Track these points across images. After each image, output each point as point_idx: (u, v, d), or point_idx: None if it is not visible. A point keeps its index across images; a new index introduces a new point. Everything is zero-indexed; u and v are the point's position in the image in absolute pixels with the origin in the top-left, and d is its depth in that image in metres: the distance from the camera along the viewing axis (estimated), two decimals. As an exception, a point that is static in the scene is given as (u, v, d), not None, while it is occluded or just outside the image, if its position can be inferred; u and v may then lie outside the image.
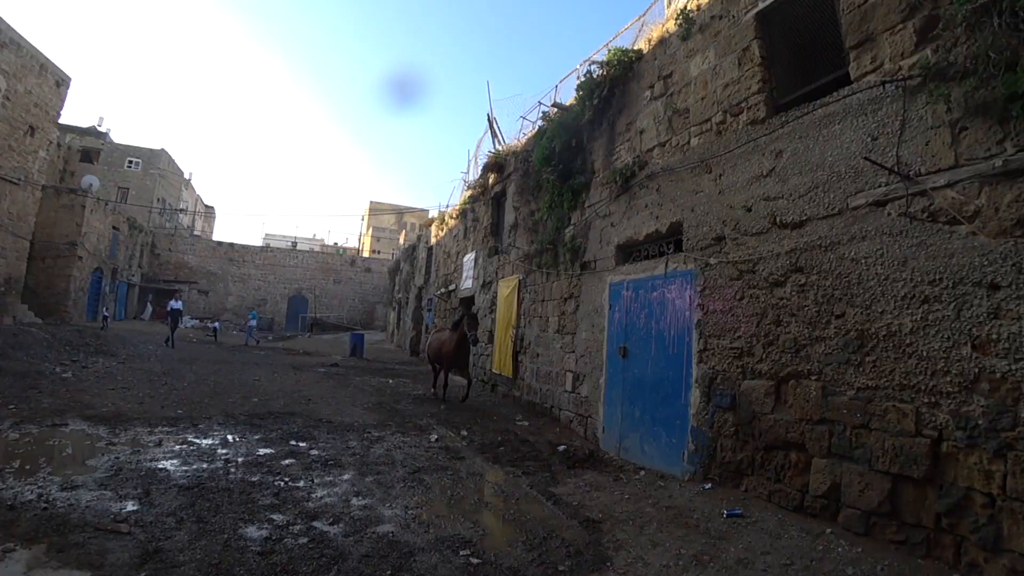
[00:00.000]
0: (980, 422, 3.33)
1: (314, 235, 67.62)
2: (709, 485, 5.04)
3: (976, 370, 3.39)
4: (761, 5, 5.25)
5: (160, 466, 4.76)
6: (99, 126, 36.60)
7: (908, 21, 3.96)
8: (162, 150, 36.25)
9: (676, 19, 6.39)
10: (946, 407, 3.51)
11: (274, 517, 3.82)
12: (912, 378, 3.70)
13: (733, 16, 5.58)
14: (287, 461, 5.24)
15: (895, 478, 3.73)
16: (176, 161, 39.23)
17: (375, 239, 58.21)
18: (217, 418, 6.94)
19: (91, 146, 34.32)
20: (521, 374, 9.87)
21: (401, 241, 38.06)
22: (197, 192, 47.59)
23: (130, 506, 3.81)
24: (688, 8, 6.23)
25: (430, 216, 23.31)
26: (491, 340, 11.42)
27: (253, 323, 23.43)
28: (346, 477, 4.90)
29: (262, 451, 5.53)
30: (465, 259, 14.28)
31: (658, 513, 4.41)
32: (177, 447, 5.43)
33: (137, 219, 30.82)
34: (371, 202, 61.34)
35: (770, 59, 5.28)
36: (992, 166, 3.41)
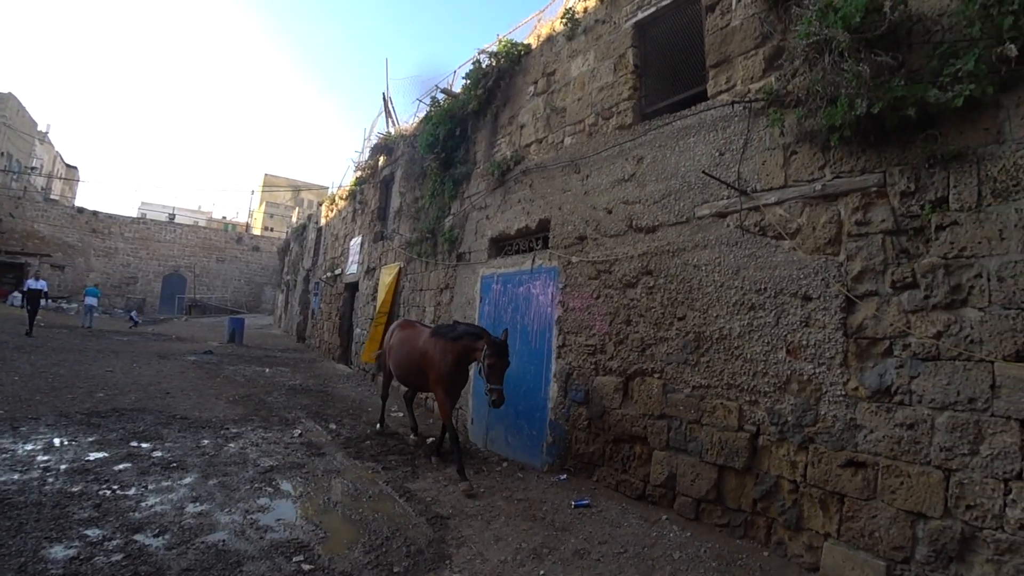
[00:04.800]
0: (789, 418, 3.72)
1: (199, 207, 62.26)
2: (564, 476, 5.25)
3: (788, 372, 3.77)
4: (640, 15, 5.42)
5: (-45, 479, 4.13)
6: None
7: (759, 49, 4.25)
8: (9, 94, 30.72)
9: (563, 18, 6.46)
10: (764, 405, 3.88)
11: (89, 533, 3.45)
12: (738, 378, 4.06)
13: (615, 22, 5.72)
14: (121, 466, 4.75)
15: (721, 468, 4.10)
16: (28, 110, 33.88)
17: (268, 215, 54.63)
18: (47, 418, 6.12)
19: (-89, 86, 29.00)
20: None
21: (294, 219, 35.98)
22: (56, 149, 41.79)
23: (-98, 532, 3.28)
24: (574, 9, 6.31)
25: (330, 193, 21.94)
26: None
27: (92, 300, 18.98)
28: (187, 481, 4.54)
29: (93, 455, 4.97)
30: (352, 243, 13.74)
31: (508, 506, 4.51)
32: (-16, 454, 4.74)
33: (-28, 179, 26.59)
34: (266, 175, 57.29)
35: (643, 68, 5.48)
36: (813, 189, 3.77)
